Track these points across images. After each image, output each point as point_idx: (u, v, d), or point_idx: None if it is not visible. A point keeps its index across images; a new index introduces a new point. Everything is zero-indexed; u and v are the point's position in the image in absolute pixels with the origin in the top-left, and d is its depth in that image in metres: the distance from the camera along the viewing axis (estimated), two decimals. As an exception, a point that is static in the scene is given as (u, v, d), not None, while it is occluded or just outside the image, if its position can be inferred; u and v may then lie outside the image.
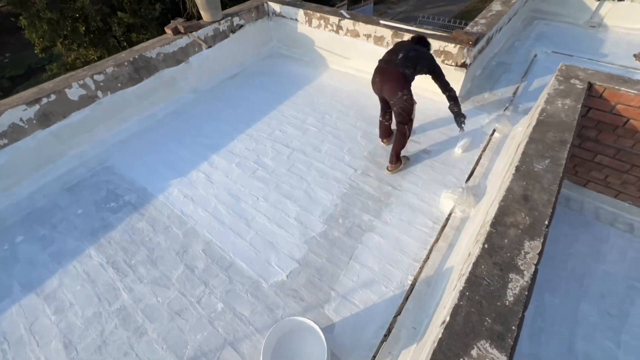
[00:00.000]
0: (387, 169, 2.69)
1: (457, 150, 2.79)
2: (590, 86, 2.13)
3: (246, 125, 3.28)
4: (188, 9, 3.57)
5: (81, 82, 2.82)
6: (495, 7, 3.57)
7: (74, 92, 2.81)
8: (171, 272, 2.13)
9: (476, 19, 3.38)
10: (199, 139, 3.15)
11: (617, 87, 2.05)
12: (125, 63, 3.05)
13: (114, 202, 2.61)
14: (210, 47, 3.67)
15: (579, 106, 1.97)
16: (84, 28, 10.29)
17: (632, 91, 2.00)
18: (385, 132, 2.91)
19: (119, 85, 3.07)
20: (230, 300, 1.98)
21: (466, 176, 2.61)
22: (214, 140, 3.12)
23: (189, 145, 3.08)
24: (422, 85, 3.49)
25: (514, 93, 3.44)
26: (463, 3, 20.22)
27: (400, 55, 2.43)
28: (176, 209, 2.52)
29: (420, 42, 2.62)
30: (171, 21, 3.48)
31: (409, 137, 2.61)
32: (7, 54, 15.74)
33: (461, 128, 2.76)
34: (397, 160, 2.66)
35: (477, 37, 2.94)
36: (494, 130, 2.94)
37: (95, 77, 2.90)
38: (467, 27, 3.25)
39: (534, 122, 1.93)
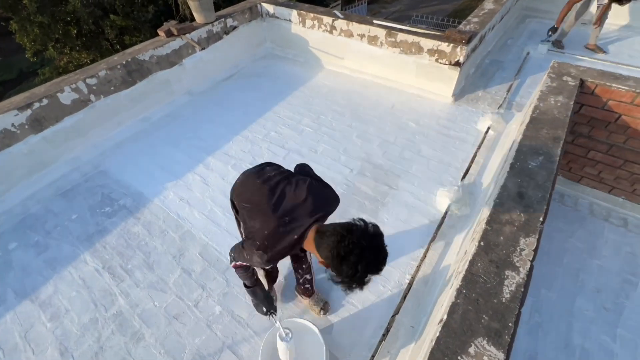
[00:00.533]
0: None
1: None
2: (582, 83, 2.15)
3: (241, 127, 3.27)
4: (181, 11, 3.54)
5: (73, 86, 2.79)
6: (488, 5, 3.59)
7: (67, 97, 2.78)
8: (168, 276, 2.12)
9: (469, 18, 3.39)
10: (194, 141, 3.14)
11: (608, 84, 2.07)
12: (118, 66, 3.02)
13: (109, 206, 2.59)
14: (203, 48, 3.65)
15: (572, 103, 1.99)
16: (75, 31, 10.20)
17: (624, 87, 2.02)
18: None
19: (112, 88, 3.05)
20: (228, 303, 1.97)
21: (462, 174, 2.62)
22: (209, 143, 3.11)
23: (184, 148, 3.06)
24: (417, 84, 3.51)
25: (508, 91, 3.46)
26: (456, 2, 20.33)
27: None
28: (172, 213, 2.51)
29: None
30: (164, 23, 3.46)
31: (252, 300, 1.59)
32: (-2, 58, 15.56)
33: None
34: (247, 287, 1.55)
35: (470, 36, 2.95)
36: (489, 128, 2.95)
37: (88, 80, 2.87)
38: (460, 26, 3.27)
39: (527, 120, 1.95)
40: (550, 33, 4.09)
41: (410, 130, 3.07)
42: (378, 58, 3.56)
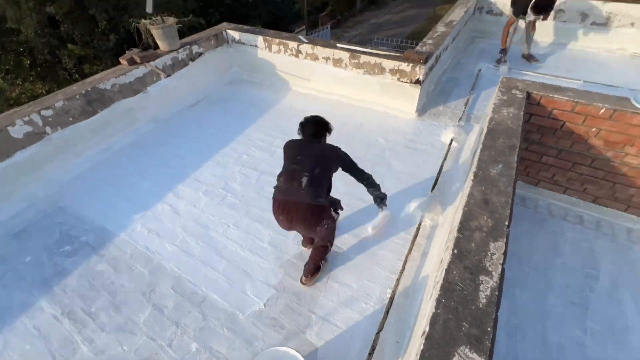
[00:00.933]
0: (302, 281, 2.07)
1: (370, 230, 2.30)
2: (529, 95, 2.36)
3: (212, 151, 3.22)
4: (144, 39, 3.50)
5: (26, 118, 2.63)
6: (440, 28, 3.90)
7: (18, 130, 2.60)
8: (137, 315, 1.97)
9: (424, 40, 3.65)
10: (162, 169, 3.03)
11: (551, 95, 2.29)
12: (77, 96, 2.90)
13: (68, 245, 2.40)
14: (169, 75, 3.61)
15: (522, 113, 2.16)
16: (29, 62, 9.74)
17: (564, 98, 2.24)
18: (309, 239, 2.25)
19: (71, 119, 2.90)
20: (204, 338, 1.85)
21: (431, 185, 2.72)
22: (178, 170, 3.01)
23: (151, 177, 2.94)
24: (382, 102, 3.66)
25: (465, 104, 3.71)
26: (413, 25, 21.86)
27: (305, 178, 1.71)
28: (140, 246, 2.36)
29: (318, 131, 1.91)
30: (126, 52, 3.40)
31: (330, 248, 2.12)
32: (-62, 92, 14.34)
33: (381, 209, 2.19)
34: (316, 271, 2.09)
35: (427, 56, 3.17)
36: (452, 140, 3.12)
37: (43, 112, 2.72)
38: (417, 47, 3.50)
39: (485, 130, 2.09)
40: (500, 55, 4.52)
41: (380, 147, 3.18)
42: (344, 79, 3.71)
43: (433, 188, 2.69)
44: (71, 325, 1.93)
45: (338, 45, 3.57)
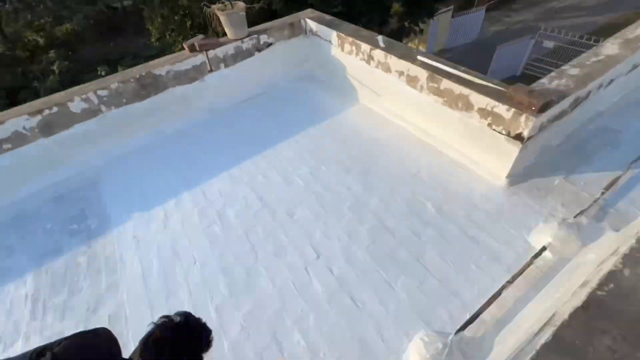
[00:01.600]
0: None
1: None
2: None
3: (235, 161, 2.91)
4: (213, 25, 3.35)
5: (84, 96, 2.85)
6: (607, 49, 2.34)
7: (77, 105, 2.85)
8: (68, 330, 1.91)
9: (564, 68, 2.25)
10: (183, 171, 2.90)
11: None
12: (131, 79, 2.99)
13: (77, 223, 2.56)
14: (211, 70, 3.35)
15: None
16: (190, 23, 11.53)
17: None
18: None
19: (124, 100, 3.04)
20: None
21: (460, 323, 1.69)
22: (195, 174, 2.84)
23: (168, 176, 2.86)
24: (459, 148, 2.57)
25: (611, 185, 2.21)
26: (611, 13, 16.04)
27: None
28: (117, 251, 2.32)
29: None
30: (191, 37, 3.32)
31: None
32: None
33: None
34: None
35: (547, 102, 1.91)
36: (544, 248, 1.89)
37: (99, 92, 2.90)
38: (544, 80, 2.19)
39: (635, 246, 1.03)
40: None
41: (425, 217, 2.21)
42: (417, 104, 2.73)
43: (461, 330, 1.66)
44: (26, 312, 2.03)
45: (418, 58, 2.57)
